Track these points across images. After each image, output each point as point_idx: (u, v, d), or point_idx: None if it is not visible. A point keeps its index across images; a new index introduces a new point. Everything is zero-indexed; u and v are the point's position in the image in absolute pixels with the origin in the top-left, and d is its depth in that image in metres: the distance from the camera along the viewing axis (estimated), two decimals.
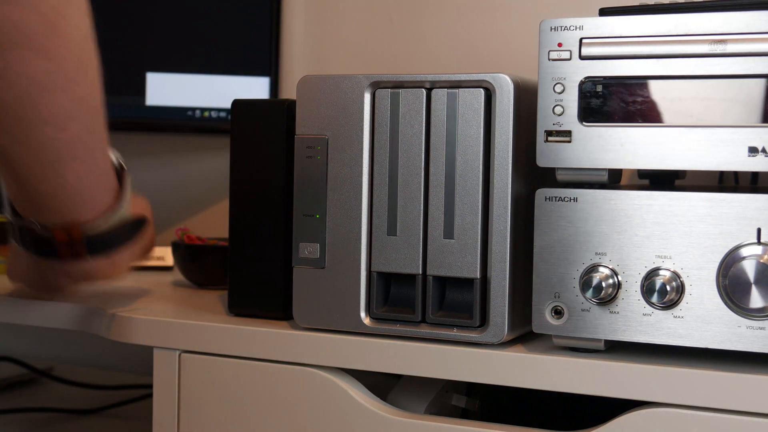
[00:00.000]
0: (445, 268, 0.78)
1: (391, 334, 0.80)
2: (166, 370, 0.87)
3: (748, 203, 0.70)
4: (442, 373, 0.78)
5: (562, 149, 0.75)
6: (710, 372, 0.70)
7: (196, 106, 1.26)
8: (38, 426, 1.19)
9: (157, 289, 1.08)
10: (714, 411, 0.70)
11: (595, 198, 0.74)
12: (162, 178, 1.44)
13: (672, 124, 0.72)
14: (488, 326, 0.77)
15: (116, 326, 0.90)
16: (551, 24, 0.75)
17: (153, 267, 1.26)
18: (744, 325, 0.70)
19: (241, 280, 0.87)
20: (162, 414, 0.87)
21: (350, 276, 0.81)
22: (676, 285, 0.71)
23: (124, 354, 1.45)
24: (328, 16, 1.31)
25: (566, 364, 0.74)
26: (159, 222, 1.46)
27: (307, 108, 0.82)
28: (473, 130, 0.77)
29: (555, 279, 0.75)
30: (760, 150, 0.70)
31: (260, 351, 0.83)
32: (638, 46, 0.73)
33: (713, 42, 0.71)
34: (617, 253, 0.73)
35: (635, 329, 0.73)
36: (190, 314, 0.89)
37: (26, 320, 0.98)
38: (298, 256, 0.83)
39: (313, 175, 0.82)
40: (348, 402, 0.80)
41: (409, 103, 0.79)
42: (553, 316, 0.75)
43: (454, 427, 0.78)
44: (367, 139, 0.80)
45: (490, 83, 0.76)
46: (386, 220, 0.80)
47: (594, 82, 0.74)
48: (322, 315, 0.82)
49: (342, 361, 0.81)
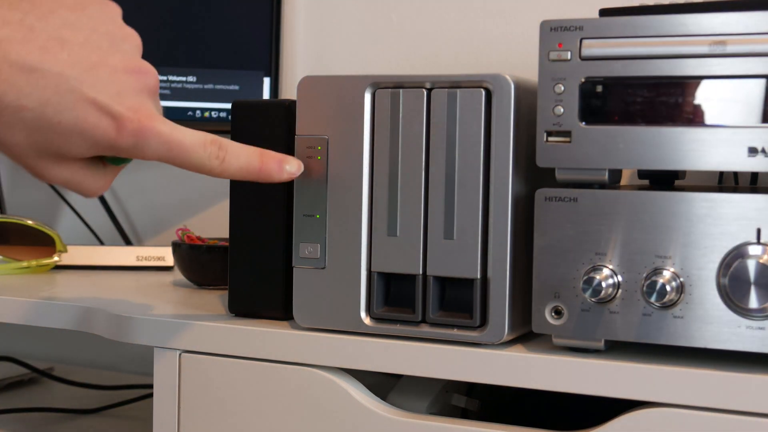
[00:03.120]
0: (445, 268, 0.78)
1: (391, 334, 0.80)
2: (166, 370, 0.87)
3: (748, 203, 0.70)
4: (442, 373, 0.78)
5: (562, 149, 0.75)
6: (710, 372, 0.70)
7: (196, 106, 1.26)
8: (38, 426, 1.19)
9: (157, 289, 1.08)
10: (714, 411, 0.70)
11: (595, 198, 0.74)
12: (162, 178, 1.44)
13: (672, 124, 0.72)
14: (488, 326, 0.77)
15: (116, 326, 0.90)
16: (551, 24, 0.75)
17: (153, 267, 1.26)
18: (744, 325, 0.70)
19: (241, 280, 0.87)
20: (162, 414, 0.87)
21: (350, 276, 0.81)
22: (676, 285, 0.71)
23: (124, 354, 1.45)
24: (328, 16, 1.31)
25: (566, 364, 0.74)
26: (159, 222, 1.46)
27: (308, 108, 0.82)
28: (473, 130, 0.77)
29: (555, 279, 0.75)
30: (760, 150, 0.70)
31: (260, 351, 0.83)
32: (638, 46, 0.73)
33: (713, 42, 0.71)
34: (617, 253, 0.73)
35: (635, 329, 0.73)
36: (190, 314, 0.89)
37: (26, 320, 0.98)
38: (298, 256, 0.83)
39: (313, 175, 0.82)
40: (348, 402, 0.80)
41: (409, 103, 0.79)
42: (553, 316, 0.75)
43: (454, 427, 0.78)
44: (367, 139, 0.80)
45: (490, 83, 0.76)
46: (386, 220, 0.80)
47: (594, 83, 0.74)
48: (322, 315, 0.82)
49: (342, 361, 0.81)
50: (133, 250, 1.28)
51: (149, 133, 0.66)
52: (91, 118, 0.64)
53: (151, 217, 1.46)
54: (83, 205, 1.47)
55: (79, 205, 1.46)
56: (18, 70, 0.62)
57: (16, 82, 0.62)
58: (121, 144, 0.66)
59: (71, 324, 0.96)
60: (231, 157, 0.72)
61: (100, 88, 0.64)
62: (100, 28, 0.66)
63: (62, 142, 0.65)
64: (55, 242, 1.23)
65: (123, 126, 0.65)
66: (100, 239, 1.44)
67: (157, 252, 1.27)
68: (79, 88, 0.63)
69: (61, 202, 1.48)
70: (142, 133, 0.66)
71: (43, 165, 0.67)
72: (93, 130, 0.64)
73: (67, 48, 0.63)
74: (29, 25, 0.62)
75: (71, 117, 0.63)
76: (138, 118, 0.65)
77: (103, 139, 0.65)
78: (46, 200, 1.50)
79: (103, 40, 0.65)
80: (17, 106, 0.62)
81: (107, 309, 0.92)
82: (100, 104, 0.64)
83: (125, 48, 0.67)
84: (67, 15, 0.64)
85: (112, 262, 1.26)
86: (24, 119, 0.63)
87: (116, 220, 1.43)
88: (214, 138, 0.71)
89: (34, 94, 0.62)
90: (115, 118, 0.65)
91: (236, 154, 0.73)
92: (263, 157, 0.75)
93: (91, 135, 0.65)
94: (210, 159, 0.71)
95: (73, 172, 0.68)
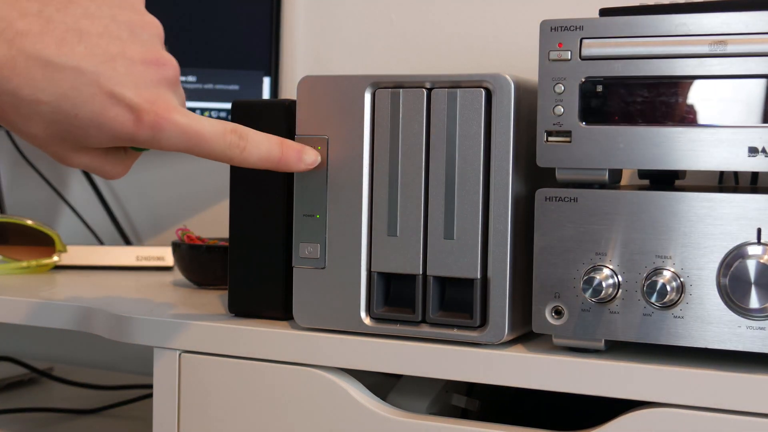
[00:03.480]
0: (445, 268, 0.78)
1: (391, 334, 0.80)
2: (166, 370, 0.87)
3: (748, 203, 0.70)
4: (442, 373, 0.78)
5: (562, 149, 0.75)
6: (710, 372, 0.70)
7: (196, 106, 1.26)
8: (38, 426, 1.19)
9: (157, 289, 1.08)
10: (714, 411, 0.70)
11: (595, 198, 0.74)
12: (162, 178, 1.44)
13: (672, 124, 0.72)
14: (488, 326, 0.77)
15: (116, 326, 0.90)
16: (551, 24, 0.75)
17: (153, 267, 1.26)
18: (744, 325, 0.70)
19: (241, 280, 0.87)
20: (162, 414, 0.87)
21: (350, 276, 0.81)
22: (676, 285, 0.71)
23: (124, 354, 1.45)
24: (328, 16, 1.31)
25: (566, 364, 0.74)
26: (159, 222, 1.46)
27: (307, 108, 0.82)
28: (473, 130, 0.77)
29: (555, 279, 0.75)
30: (760, 150, 0.70)
31: (260, 351, 0.83)
32: (638, 46, 0.73)
33: (713, 42, 0.71)
34: (617, 253, 0.73)
35: (635, 329, 0.73)
36: (190, 314, 0.89)
37: (26, 320, 0.98)
38: (298, 256, 0.83)
39: (313, 175, 0.82)
40: (348, 402, 0.80)
41: (409, 103, 0.79)
42: (553, 316, 0.75)
43: (454, 427, 0.78)
44: (367, 139, 0.80)
45: (490, 83, 0.76)
46: (386, 220, 0.80)
47: (594, 82, 0.74)
48: (322, 315, 0.82)
49: (342, 361, 0.81)
50: (132, 250, 1.28)
51: (167, 124, 0.66)
52: (109, 112, 0.64)
53: (151, 217, 1.46)
54: (83, 205, 1.47)
55: (79, 205, 1.46)
56: (34, 63, 0.61)
57: (32, 76, 0.62)
58: (139, 136, 0.65)
59: (71, 324, 0.96)
60: (252, 146, 0.72)
61: (117, 80, 0.64)
62: (120, 17, 0.65)
63: (80, 134, 0.65)
64: (54, 242, 1.23)
65: (140, 118, 0.65)
66: (100, 239, 1.44)
67: (157, 252, 1.27)
68: (96, 81, 0.63)
69: (61, 202, 1.48)
70: (159, 126, 0.65)
71: (63, 153, 0.67)
72: (111, 123, 0.64)
73: (85, 40, 0.63)
74: (47, 16, 0.62)
75: (88, 110, 0.63)
76: (155, 110, 0.65)
77: (122, 132, 0.65)
78: (46, 200, 1.50)
79: (123, 30, 0.65)
80: (33, 100, 0.62)
81: (107, 309, 0.92)
82: (117, 97, 0.64)
83: (145, 38, 0.66)
84: (88, 4, 0.64)
85: (111, 262, 1.26)
86: (40, 112, 0.63)
87: (116, 220, 1.43)
88: (234, 127, 0.71)
89: (50, 88, 0.62)
90: (132, 110, 0.64)
91: (257, 143, 0.72)
92: (284, 146, 0.75)
93: (109, 128, 0.64)
94: (231, 148, 0.70)
95: (93, 158, 0.68)
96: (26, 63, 0.61)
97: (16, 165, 1.50)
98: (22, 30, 0.61)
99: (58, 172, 1.49)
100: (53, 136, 0.64)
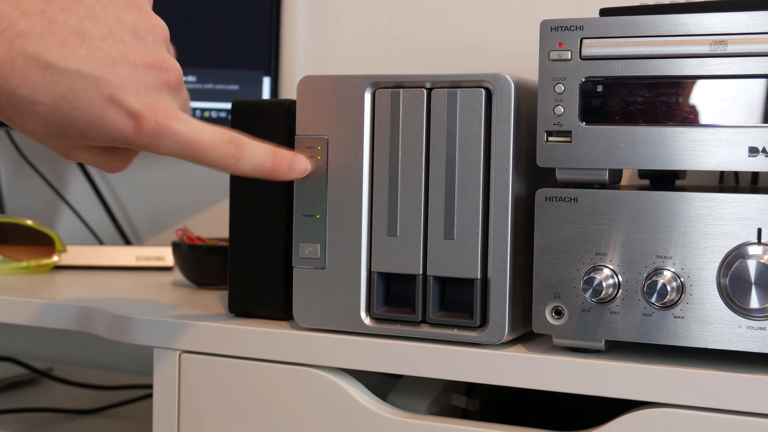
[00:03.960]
0: (445, 268, 0.78)
1: (391, 334, 0.80)
2: (166, 370, 0.87)
3: (748, 203, 0.70)
4: (442, 373, 0.78)
5: (562, 149, 0.75)
6: (710, 372, 0.70)
7: (196, 106, 1.26)
8: (38, 426, 1.19)
9: (157, 289, 1.08)
10: (714, 411, 0.70)
11: (595, 198, 0.74)
12: (162, 178, 1.44)
13: (672, 124, 0.72)
14: (488, 326, 0.77)
15: (116, 326, 0.90)
16: (551, 24, 0.75)
17: (153, 267, 1.26)
18: (744, 325, 0.70)
19: (241, 280, 0.87)
20: (162, 414, 0.87)
21: (350, 276, 0.81)
22: (677, 285, 0.71)
23: (124, 354, 1.45)
24: (328, 16, 1.31)
25: (566, 364, 0.74)
26: (159, 222, 1.46)
27: (308, 108, 0.82)
28: (473, 130, 0.77)
29: (555, 279, 0.75)
30: (760, 150, 0.70)
31: (260, 351, 0.83)
32: (638, 46, 0.73)
33: (713, 42, 0.71)
34: (617, 253, 0.73)
35: (635, 329, 0.73)
36: (190, 314, 0.89)
37: (26, 320, 0.98)
38: (298, 256, 0.83)
39: (313, 175, 0.82)
40: (348, 402, 0.80)
41: (409, 103, 0.79)
42: (553, 316, 0.75)
43: (454, 427, 0.78)
44: (367, 139, 0.80)
45: (490, 83, 0.76)
46: (386, 220, 0.80)
47: (594, 82, 0.74)
48: (322, 315, 0.82)
49: (342, 361, 0.81)
50: (132, 250, 1.28)
51: (166, 132, 0.65)
52: (108, 116, 0.64)
53: (151, 217, 1.46)
54: (83, 205, 1.47)
55: (79, 205, 1.46)
56: (33, 64, 0.61)
57: (31, 77, 0.61)
58: (137, 141, 0.65)
59: (71, 324, 0.96)
60: (246, 157, 0.72)
61: (118, 85, 0.63)
62: (124, 18, 0.65)
63: (78, 135, 0.64)
64: (54, 242, 1.23)
65: (141, 125, 0.64)
66: (100, 239, 1.43)
67: (157, 252, 1.27)
68: (95, 85, 0.63)
69: (60, 202, 1.48)
70: (159, 134, 0.65)
71: (63, 149, 0.67)
72: (109, 126, 0.64)
73: (87, 42, 0.62)
74: (50, 16, 0.61)
75: (86, 113, 0.63)
76: (156, 117, 0.65)
77: (120, 136, 0.65)
78: (46, 200, 1.50)
79: (126, 33, 0.64)
80: (31, 100, 0.62)
81: (107, 309, 0.92)
82: (117, 102, 0.63)
83: (148, 41, 0.66)
84: (93, 3, 0.63)
85: (111, 262, 1.26)
86: (38, 112, 0.62)
87: (116, 220, 1.43)
88: (231, 137, 0.71)
89: (48, 89, 0.62)
90: (132, 116, 0.64)
91: (252, 153, 0.73)
92: (276, 157, 0.75)
93: (107, 131, 0.64)
94: (226, 158, 0.71)
95: (93, 155, 0.68)
96: (26, 64, 0.61)
97: (16, 165, 1.50)
98: (23, 30, 0.60)
99: (57, 172, 1.49)
100: (51, 133, 0.64)
